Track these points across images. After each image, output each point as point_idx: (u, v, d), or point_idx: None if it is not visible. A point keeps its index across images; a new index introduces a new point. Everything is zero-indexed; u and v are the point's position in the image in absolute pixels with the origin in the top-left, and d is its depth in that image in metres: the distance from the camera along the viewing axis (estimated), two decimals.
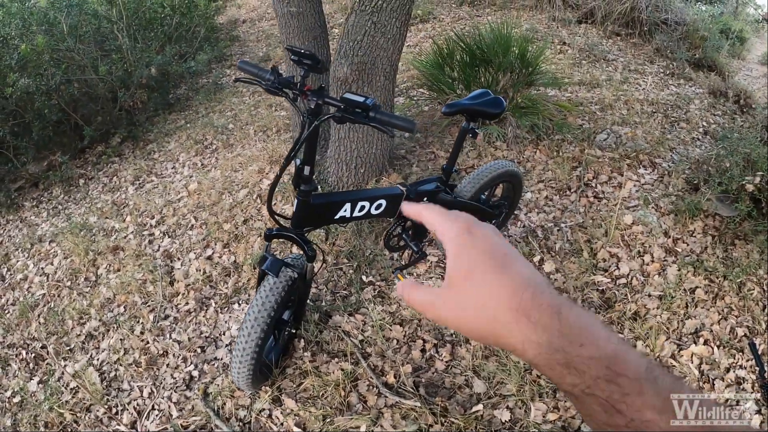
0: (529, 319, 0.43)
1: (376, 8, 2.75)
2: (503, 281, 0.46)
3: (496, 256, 0.48)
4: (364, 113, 1.59)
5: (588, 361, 0.41)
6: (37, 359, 2.84)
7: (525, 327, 0.43)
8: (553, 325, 0.43)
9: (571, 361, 0.42)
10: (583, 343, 0.42)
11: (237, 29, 8.07)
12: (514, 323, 0.44)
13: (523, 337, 0.44)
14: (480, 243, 0.49)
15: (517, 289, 0.45)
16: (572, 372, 0.42)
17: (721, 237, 2.98)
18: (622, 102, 4.58)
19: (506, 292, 0.45)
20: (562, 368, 0.42)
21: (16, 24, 4.75)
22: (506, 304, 0.45)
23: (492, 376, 2.29)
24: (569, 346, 0.42)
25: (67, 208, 4.29)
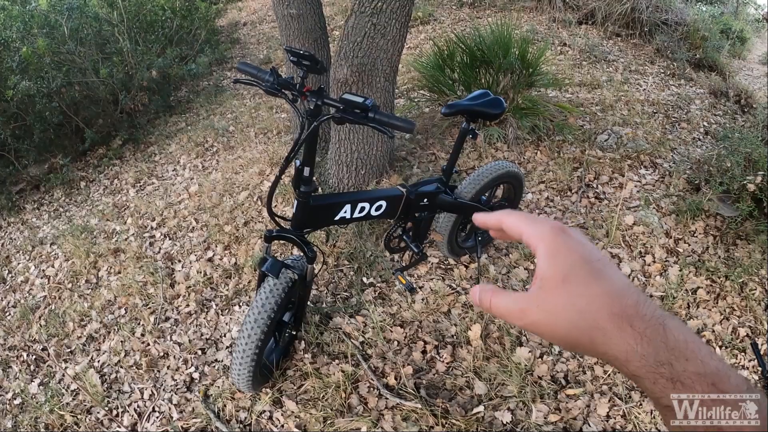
0: (633, 327, 0.42)
1: (375, 10, 2.75)
2: (604, 287, 0.44)
3: (594, 261, 0.45)
4: (364, 114, 1.58)
5: (694, 376, 0.40)
6: (38, 361, 2.84)
7: (629, 336, 0.42)
8: (659, 336, 0.41)
9: (676, 376, 0.40)
10: (688, 358, 0.40)
11: (237, 32, 8.08)
12: (616, 331, 0.42)
13: (626, 347, 0.42)
14: (577, 246, 0.46)
15: (619, 295, 0.43)
16: (677, 387, 0.40)
17: (723, 237, 2.97)
18: (622, 102, 4.57)
19: (608, 298, 0.43)
20: (666, 382, 0.41)
21: (17, 27, 4.77)
22: (608, 310, 0.42)
23: (493, 378, 2.29)
24: (676, 360, 0.40)
25: (68, 210, 4.30)
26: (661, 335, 0.41)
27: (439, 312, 2.63)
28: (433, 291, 2.74)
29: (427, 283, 2.80)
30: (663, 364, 0.40)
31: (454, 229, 2.62)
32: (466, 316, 2.59)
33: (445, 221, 2.59)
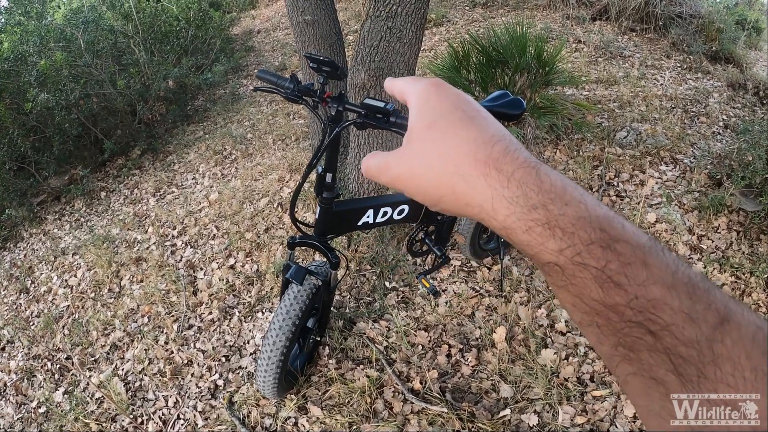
0: (501, 172, 0.36)
1: (391, 13, 2.75)
2: (471, 132, 0.39)
3: (467, 109, 0.41)
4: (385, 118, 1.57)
5: (576, 221, 0.34)
6: (62, 370, 2.86)
7: (495, 181, 0.36)
8: (531, 179, 0.36)
9: (554, 221, 0.34)
10: (568, 202, 0.35)
11: (252, 40, 8.13)
12: (480, 177, 0.37)
13: (491, 193, 0.36)
14: (450, 95, 0.42)
15: (488, 140, 0.38)
16: (556, 234, 0.34)
17: (746, 232, 2.93)
18: (640, 98, 4.52)
19: (473, 143, 0.38)
20: (542, 230, 0.35)
21: (33, 41, 4.84)
22: (472, 155, 0.38)
23: (519, 380, 2.27)
24: (551, 203, 0.35)
25: (90, 220, 4.34)
26: (533, 178, 0.36)
27: (463, 315, 2.61)
28: (456, 294, 2.72)
29: (450, 287, 2.79)
30: (536, 208, 0.35)
31: (477, 231, 2.61)
32: (491, 318, 2.58)
33: (468, 223, 2.58)
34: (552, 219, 0.35)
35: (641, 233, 0.35)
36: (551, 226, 0.35)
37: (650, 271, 0.32)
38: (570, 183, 0.37)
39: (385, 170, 0.43)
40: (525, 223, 0.35)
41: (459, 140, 0.39)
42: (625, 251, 0.33)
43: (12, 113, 4.32)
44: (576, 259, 0.34)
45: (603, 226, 0.34)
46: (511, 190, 0.36)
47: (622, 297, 0.33)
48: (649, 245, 0.34)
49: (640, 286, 0.32)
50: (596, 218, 0.34)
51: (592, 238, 0.34)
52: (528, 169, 0.36)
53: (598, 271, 0.33)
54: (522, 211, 0.35)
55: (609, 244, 0.33)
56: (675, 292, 0.32)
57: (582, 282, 0.34)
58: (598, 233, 0.34)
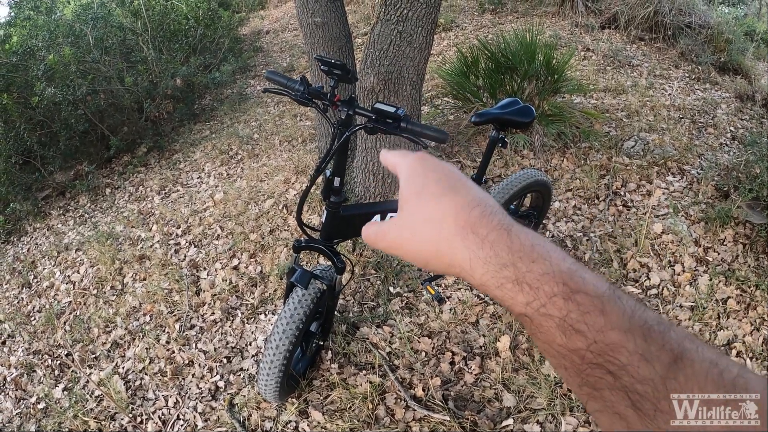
0: (477, 234, 0.41)
1: (401, 18, 2.74)
2: (453, 198, 0.44)
3: (449, 179, 0.46)
4: (396, 123, 1.56)
5: (541, 277, 0.38)
6: (62, 366, 2.86)
7: (471, 243, 0.41)
8: (503, 240, 0.40)
9: (522, 278, 0.39)
10: (534, 260, 0.39)
11: (260, 40, 8.14)
12: (459, 239, 0.42)
13: (469, 254, 0.41)
14: (435, 167, 0.47)
15: (466, 206, 0.43)
16: (524, 289, 0.39)
17: (753, 245, 2.91)
18: (648, 108, 4.51)
19: (454, 209, 0.43)
20: (512, 286, 0.39)
21: (42, 36, 4.85)
22: (452, 219, 0.42)
23: (522, 390, 2.25)
24: (519, 261, 0.39)
25: (94, 216, 4.34)
26: (505, 239, 0.40)
27: (467, 322, 2.60)
28: (460, 301, 2.71)
29: (455, 293, 2.77)
30: (506, 266, 0.39)
31: None
32: (495, 326, 2.56)
33: None
34: (520, 276, 0.39)
35: (601, 283, 0.38)
36: (519, 282, 0.39)
37: (607, 318, 0.36)
38: (538, 241, 0.41)
39: (381, 237, 0.49)
40: (497, 280, 0.40)
41: (442, 207, 0.44)
42: (584, 302, 0.37)
43: (19, 107, 4.32)
44: (541, 310, 0.38)
45: (565, 280, 0.38)
46: (485, 251, 0.40)
47: (583, 342, 0.36)
48: (608, 294, 0.37)
49: (598, 332, 0.36)
50: (559, 273, 0.38)
51: (555, 291, 0.38)
52: (500, 231, 0.41)
53: (561, 320, 0.37)
54: (494, 270, 0.40)
55: (570, 296, 0.37)
56: (631, 335, 0.35)
57: (548, 330, 0.38)
58: (560, 287, 0.38)
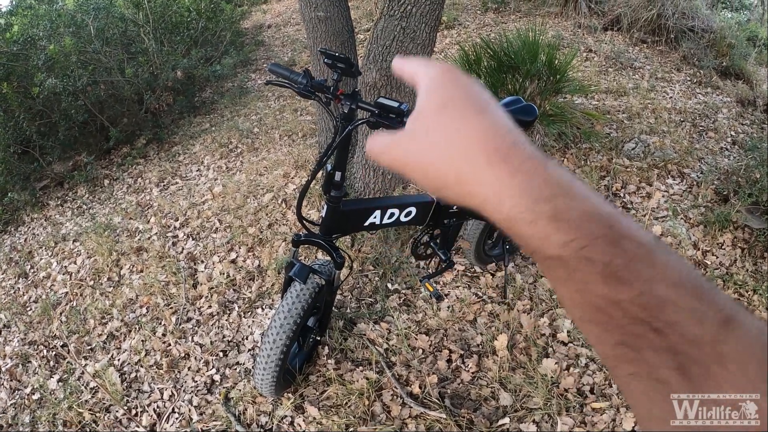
0: (509, 163, 0.36)
1: (405, 14, 2.73)
2: (483, 122, 0.38)
3: (479, 97, 0.40)
4: (399, 118, 1.56)
5: (583, 215, 0.34)
6: (58, 357, 2.85)
7: (501, 171, 0.36)
8: (538, 172, 0.35)
9: (561, 214, 0.34)
10: (574, 198, 0.35)
11: (262, 34, 8.12)
12: (487, 166, 0.36)
13: (498, 185, 0.36)
14: (463, 82, 0.41)
15: (498, 132, 0.37)
16: (562, 227, 0.34)
17: (751, 250, 2.91)
18: (649, 110, 4.50)
19: (483, 131, 0.37)
20: (548, 223, 0.34)
21: (44, 25, 4.82)
22: (481, 144, 0.37)
23: (518, 389, 2.25)
24: (558, 197, 0.34)
25: (92, 207, 4.32)
26: (542, 171, 0.35)
27: (465, 320, 2.59)
28: (459, 299, 2.70)
29: (453, 291, 2.77)
30: (542, 201, 0.35)
31: (482, 236, 2.59)
32: (492, 325, 2.55)
33: (473, 228, 2.56)
34: (558, 212, 0.34)
35: (647, 233, 0.34)
36: (557, 219, 0.34)
37: (656, 270, 0.32)
38: (577, 180, 0.36)
39: (387, 150, 0.42)
40: (530, 215, 0.35)
41: (469, 127, 0.38)
42: (631, 248, 0.33)
43: (19, 97, 4.30)
44: (581, 252, 0.33)
45: (610, 223, 0.34)
46: (518, 182, 0.35)
47: (627, 293, 0.32)
48: (655, 244, 0.33)
49: (645, 283, 0.32)
50: (603, 215, 0.34)
51: (598, 234, 0.33)
52: (536, 162, 0.36)
53: (604, 266, 0.33)
54: (527, 203, 0.35)
55: (615, 241, 0.33)
56: (681, 290, 0.32)
57: (586, 277, 0.33)
58: (605, 229, 0.33)
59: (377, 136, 0.44)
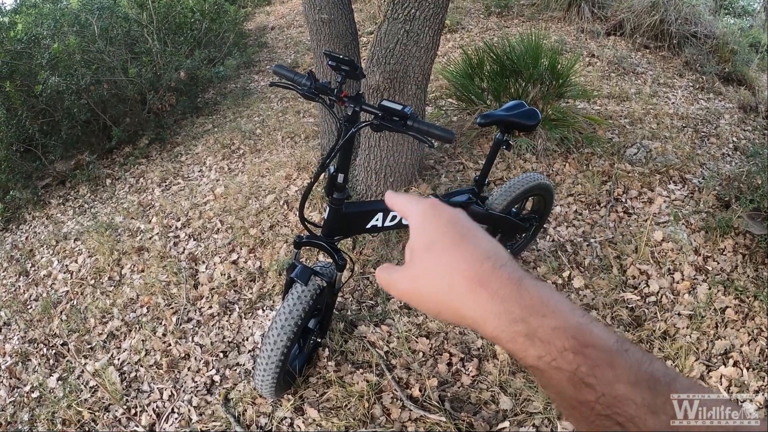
0: (487, 289, 0.42)
1: (409, 17, 2.73)
2: (463, 251, 0.44)
3: (460, 229, 0.47)
4: (402, 122, 1.56)
5: (552, 332, 0.39)
6: (58, 356, 2.85)
7: (482, 298, 0.42)
8: (513, 296, 0.41)
9: (533, 332, 0.40)
10: (545, 314, 0.40)
11: (265, 36, 8.13)
12: (470, 294, 0.42)
13: (482, 310, 0.42)
14: (444, 217, 0.48)
15: (477, 259, 0.44)
16: (536, 344, 0.40)
17: (752, 256, 2.90)
18: (651, 116, 4.51)
19: (464, 262, 0.44)
20: (524, 340, 0.40)
21: (47, 24, 4.83)
22: (463, 273, 0.43)
23: (519, 393, 2.25)
24: (531, 316, 0.40)
25: (93, 207, 4.33)
26: (515, 294, 0.41)
27: None
28: None
29: None
30: (518, 322, 0.40)
31: None
32: None
33: None
34: (531, 331, 0.40)
35: (610, 335, 0.40)
36: (531, 337, 0.40)
37: (615, 372, 0.37)
38: (549, 293, 0.42)
39: (393, 286, 0.50)
40: (509, 335, 0.41)
41: (452, 260, 0.44)
42: (593, 355, 0.38)
43: (22, 95, 4.30)
44: (552, 363, 0.39)
45: (575, 334, 0.39)
46: (495, 306, 0.41)
47: (592, 395, 0.38)
48: (616, 347, 0.39)
49: (607, 385, 0.37)
50: (569, 327, 0.39)
51: (565, 346, 0.39)
52: (511, 285, 0.42)
53: (571, 374, 0.38)
54: (506, 324, 0.41)
55: (580, 350, 0.38)
56: (638, 388, 0.37)
57: (558, 382, 0.39)
58: (571, 341, 0.39)
59: (384, 270, 0.51)
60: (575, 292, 2.76)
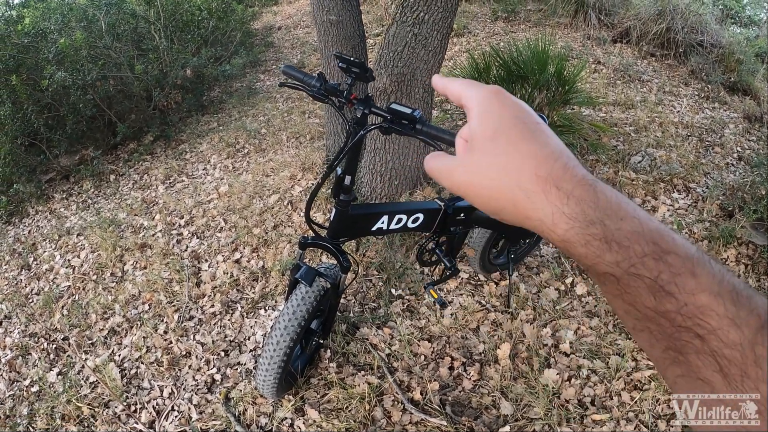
0: (561, 189, 0.39)
1: (417, 20, 2.74)
2: (532, 147, 0.41)
3: (528, 122, 0.43)
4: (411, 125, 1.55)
5: (631, 236, 0.37)
6: (58, 350, 2.85)
7: (555, 198, 0.39)
8: (588, 197, 0.38)
9: (611, 235, 0.37)
10: (623, 218, 0.38)
11: (272, 35, 8.14)
12: (541, 193, 0.40)
13: (552, 209, 0.39)
14: (512, 106, 0.44)
15: (548, 157, 0.40)
16: (613, 248, 0.37)
17: (755, 266, 2.90)
18: (656, 124, 4.51)
19: (534, 159, 0.40)
20: (600, 244, 0.37)
21: (55, 19, 4.84)
22: (533, 171, 0.40)
23: (520, 398, 2.24)
24: (607, 219, 0.38)
25: (97, 202, 4.33)
26: (591, 195, 0.38)
27: (468, 328, 2.59)
28: (462, 307, 2.70)
29: (457, 299, 2.76)
30: (594, 223, 0.38)
31: (488, 245, 2.59)
32: (495, 334, 2.55)
33: (479, 237, 2.56)
34: (608, 234, 0.37)
35: (690, 245, 0.37)
36: (608, 241, 0.37)
37: (698, 281, 0.35)
38: (624, 198, 0.39)
39: (447, 175, 0.46)
40: (583, 238, 0.38)
41: (521, 155, 0.41)
42: (675, 263, 0.36)
43: (28, 89, 4.31)
44: (631, 270, 0.37)
45: (655, 240, 0.37)
46: (570, 207, 0.38)
47: (673, 304, 0.35)
48: (698, 256, 0.36)
49: (689, 295, 0.35)
50: (649, 232, 0.37)
51: (645, 251, 0.36)
52: (586, 186, 0.39)
53: (651, 281, 0.36)
54: (581, 227, 0.38)
55: (661, 257, 0.36)
56: (720, 299, 0.34)
57: (636, 291, 0.37)
58: (651, 246, 0.36)
59: (437, 157, 0.48)
60: (578, 298, 2.76)
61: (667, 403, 2.16)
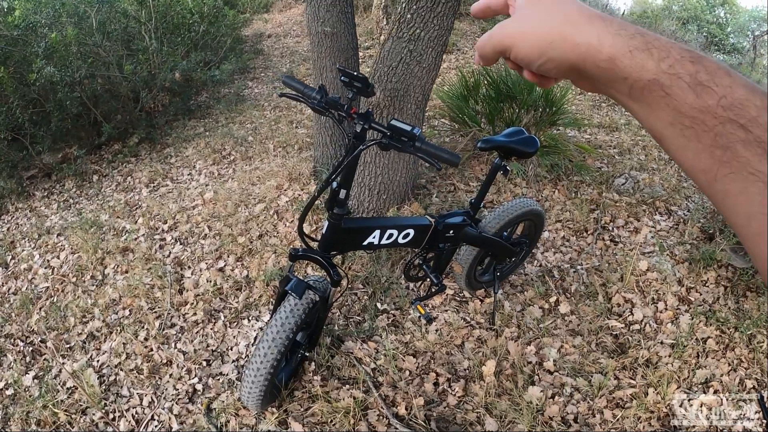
0: (604, 20, 0.44)
1: (413, 37, 2.76)
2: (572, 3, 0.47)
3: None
4: (410, 142, 1.57)
5: (667, 44, 0.41)
6: (35, 353, 2.78)
7: (599, 23, 0.44)
8: (628, 23, 0.44)
9: (651, 43, 0.42)
10: (658, 38, 0.42)
11: (262, 43, 8.13)
12: (588, 23, 0.44)
13: (598, 32, 0.44)
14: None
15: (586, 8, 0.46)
16: (653, 54, 0.41)
17: (734, 288, 2.96)
18: (640, 147, 4.59)
19: (578, 7, 0.46)
20: (641, 53, 0.42)
21: (46, 13, 4.78)
22: (579, 12, 0.45)
23: (504, 415, 2.26)
24: (646, 33, 0.43)
25: (79, 202, 4.27)
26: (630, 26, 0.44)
27: (453, 344, 2.60)
28: (447, 323, 2.71)
29: (442, 315, 2.77)
30: (635, 36, 0.42)
31: (474, 262, 2.61)
32: (480, 350, 2.57)
33: (467, 254, 2.58)
34: (648, 42, 0.42)
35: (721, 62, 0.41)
36: (648, 48, 0.41)
37: (732, 78, 0.38)
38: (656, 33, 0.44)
39: (499, 30, 0.50)
40: (626, 49, 0.42)
41: (564, 5, 0.47)
42: (710, 65, 0.39)
43: (14, 82, 4.23)
44: (671, 70, 0.40)
45: (689, 50, 0.41)
46: (613, 27, 0.43)
47: (713, 98, 0.38)
48: (726, 66, 0.40)
49: (726, 88, 0.38)
50: (683, 47, 0.41)
51: (682, 54, 0.40)
52: (624, 23, 0.44)
53: (692, 78, 0.39)
54: (624, 40, 0.42)
55: (697, 59, 0.40)
56: (755, 92, 0.37)
57: (678, 91, 0.40)
58: (686, 52, 0.41)
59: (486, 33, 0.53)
60: (561, 317, 2.79)
61: (648, 421, 2.19)
